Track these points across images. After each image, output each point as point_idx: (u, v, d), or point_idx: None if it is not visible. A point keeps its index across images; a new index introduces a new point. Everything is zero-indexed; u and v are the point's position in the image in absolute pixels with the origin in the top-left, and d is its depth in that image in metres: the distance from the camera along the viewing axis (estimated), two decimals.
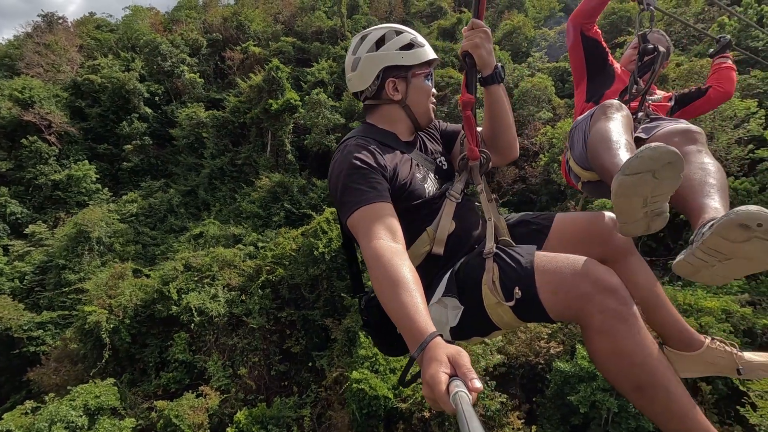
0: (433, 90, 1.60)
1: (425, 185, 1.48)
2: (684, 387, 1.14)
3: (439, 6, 33.55)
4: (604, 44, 2.40)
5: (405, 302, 1.04)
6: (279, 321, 16.29)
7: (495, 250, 1.35)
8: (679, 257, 1.21)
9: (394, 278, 1.09)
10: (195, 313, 14.76)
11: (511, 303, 1.23)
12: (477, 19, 1.48)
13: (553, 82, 19.49)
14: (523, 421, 11.57)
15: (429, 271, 1.44)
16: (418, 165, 1.52)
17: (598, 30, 2.37)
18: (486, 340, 2.05)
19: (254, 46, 30.63)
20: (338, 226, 17.31)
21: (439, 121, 1.74)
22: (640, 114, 2.02)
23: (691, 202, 1.34)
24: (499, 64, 1.52)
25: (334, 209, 17.54)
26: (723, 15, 18.38)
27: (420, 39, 1.56)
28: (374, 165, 1.35)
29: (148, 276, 16.82)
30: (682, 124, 1.71)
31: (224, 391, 14.60)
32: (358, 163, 1.34)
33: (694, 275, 1.20)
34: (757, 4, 18.23)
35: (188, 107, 27.05)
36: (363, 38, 1.56)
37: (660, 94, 2.45)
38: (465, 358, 0.86)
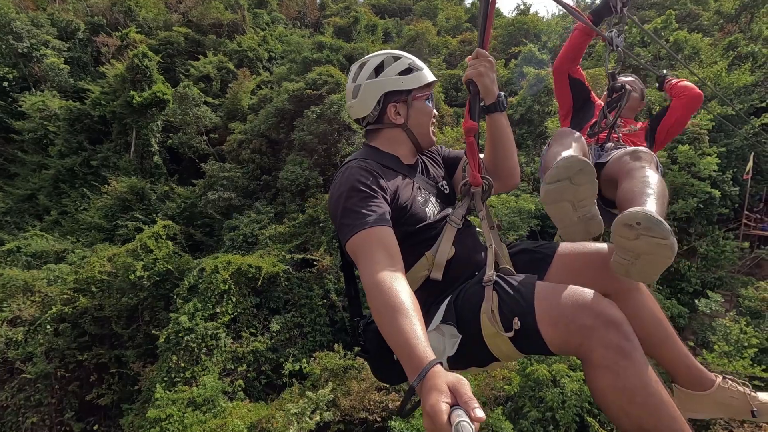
0: (435, 112, 1.59)
1: (426, 209, 1.48)
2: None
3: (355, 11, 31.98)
4: (587, 83, 2.58)
5: (404, 329, 1.01)
6: (81, 365, 12.62)
7: (495, 278, 1.33)
8: (612, 258, 1.31)
9: (393, 305, 1.06)
10: None
11: (510, 334, 1.19)
12: (481, 48, 1.49)
13: (444, 90, 18.03)
14: None
15: (427, 296, 1.42)
16: (419, 188, 1.51)
17: (582, 72, 2.56)
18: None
19: (138, 33, 26.78)
20: (168, 243, 14.20)
21: (441, 147, 1.76)
22: (608, 144, 2.17)
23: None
24: (502, 93, 1.52)
25: (168, 222, 14.34)
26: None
27: (418, 63, 1.56)
28: (375, 188, 1.33)
29: None
30: (632, 147, 1.88)
31: None
32: (359, 185, 1.31)
33: (629, 273, 1.26)
34: (635, 29, 18.07)
35: (37, 96, 22.56)
36: (362, 66, 1.57)
37: (639, 125, 2.56)
38: (466, 386, 0.85)
